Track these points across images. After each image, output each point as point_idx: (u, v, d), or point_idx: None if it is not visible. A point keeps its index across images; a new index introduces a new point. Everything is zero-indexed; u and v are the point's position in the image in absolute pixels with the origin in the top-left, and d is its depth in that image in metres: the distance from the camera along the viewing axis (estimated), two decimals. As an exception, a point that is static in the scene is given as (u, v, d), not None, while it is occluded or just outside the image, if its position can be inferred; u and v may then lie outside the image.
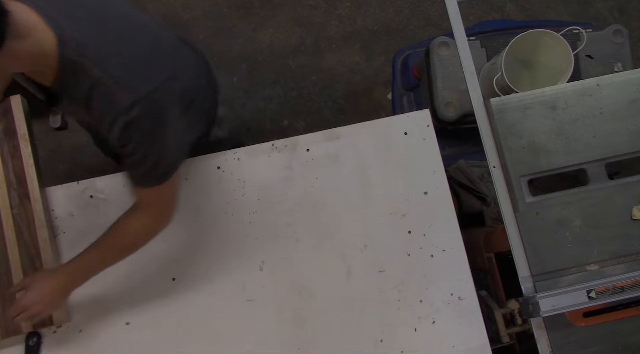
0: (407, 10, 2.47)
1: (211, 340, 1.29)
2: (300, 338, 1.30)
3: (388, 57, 2.32)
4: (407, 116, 1.43)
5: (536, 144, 1.26)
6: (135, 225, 1.09)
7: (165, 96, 0.95)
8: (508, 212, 1.24)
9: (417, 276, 1.34)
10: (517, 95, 1.29)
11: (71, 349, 1.27)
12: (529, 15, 2.48)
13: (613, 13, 2.51)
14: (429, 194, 1.38)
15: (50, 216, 1.32)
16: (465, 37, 1.31)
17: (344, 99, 2.38)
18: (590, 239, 1.22)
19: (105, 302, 1.30)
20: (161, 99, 0.94)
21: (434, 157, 1.40)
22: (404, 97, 2.02)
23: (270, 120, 2.34)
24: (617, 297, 1.12)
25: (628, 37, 1.73)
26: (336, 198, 1.37)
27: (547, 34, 1.59)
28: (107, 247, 1.11)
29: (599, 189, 1.24)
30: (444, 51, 1.73)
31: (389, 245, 1.35)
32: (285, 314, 1.31)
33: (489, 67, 1.69)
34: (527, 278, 1.20)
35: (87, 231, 1.27)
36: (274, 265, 1.33)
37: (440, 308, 1.33)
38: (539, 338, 1.19)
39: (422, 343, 1.31)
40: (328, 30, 2.43)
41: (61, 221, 1.33)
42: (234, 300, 1.31)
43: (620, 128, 1.26)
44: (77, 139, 2.27)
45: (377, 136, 1.41)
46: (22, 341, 1.26)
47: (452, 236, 1.36)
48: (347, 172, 1.39)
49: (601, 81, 1.29)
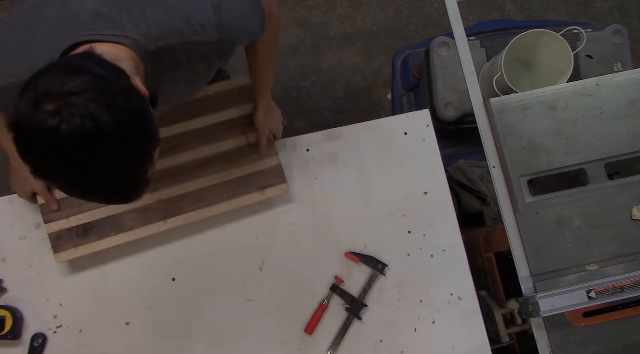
0: (407, 10, 2.47)
1: (211, 340, 1.29)
2: (300, 338, 1.31)
3: (388, 57, 2.32)
4: (407, 116, 1.43)
5: (536, 144, 1.26)
6: (270, 20, 1.11)
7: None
8: (508, 212, 1.24)
9: (417, 276, 1.34)
10: (516, 95, 1.29)
11: (71, 349, 1.27)
12: (529, 15, 2.48)
13: (613, 13, 2.51)
14: (429, 194, 1.38)
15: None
16: (465, 37, 1.31)
17: (344, 99, 2.38)
18: (590, 239, 1.22)
19: (105, 302, 1.30)
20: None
21: (434, 157, 1.40)
22: (404, 97, 2.02)
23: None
24: (616, 297, 1.12)
25: (628, 37, 1.73)
26: (336, 198, 1.38)
27: (547, 34, 1.59)
28: (268, 58, 1.19)
29: (598, 189, 1.24)
30: (444, 51, 1.73)
31: (388, 245, 1.35)
32: (285, 314, 1.31)
33: (488, 67, 1.69)
34: (527, 278, 1.20)
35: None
36: (274, 265, 1.33)
37: (440, 308, 1.33)
38: (539, 338, 1.19)
39: (422, 343, 1.31)
40: (328, 30, 2.43)
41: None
42: (234, 300, 1.31)
43: (620, 128, 1.26)
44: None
45: (377, 136, 1.41)
46: (27, 342, 1.27)
47: (452, 236, 1.36)
48: (347, 172, 1.39)
49: (601, 81, 1.29)
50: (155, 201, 1.26)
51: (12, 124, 0.69)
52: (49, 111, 0.66)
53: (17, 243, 1.31)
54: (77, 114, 0.66)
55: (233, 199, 1.29)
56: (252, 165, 1.30)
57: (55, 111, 0.66)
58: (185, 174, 1.28)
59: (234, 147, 1.31)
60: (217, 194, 1.28)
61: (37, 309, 1.29)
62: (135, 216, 1.26)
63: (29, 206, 1.32)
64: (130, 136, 0.71)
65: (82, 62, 0.72)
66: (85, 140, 0.67)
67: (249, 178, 1.30)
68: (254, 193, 1.30)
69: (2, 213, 1.33)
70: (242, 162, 1.30)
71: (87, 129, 0.67)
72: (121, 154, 0.71)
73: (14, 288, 1.30)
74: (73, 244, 1.25)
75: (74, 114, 0.66)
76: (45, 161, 0.69)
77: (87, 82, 0.68)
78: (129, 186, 0.75)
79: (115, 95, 0.70)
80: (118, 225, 1.26)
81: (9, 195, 1.33)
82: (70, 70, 0.69)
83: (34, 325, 1.28)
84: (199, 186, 1.28)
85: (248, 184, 1.29)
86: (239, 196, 1.29)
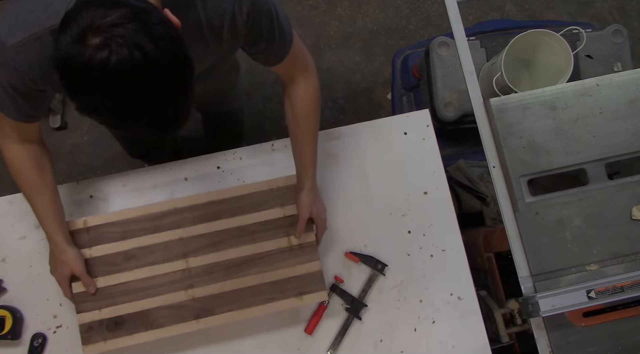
0: (406, 10, 2.47)
1: (211, 340, 1.29)
2: (300, 338, 1.30)
3: (388, 57, 2.32)
4: (407, 116, 1.43)
5: (536, 144, 1.26)
6: (309, 90, 1.15)
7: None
8: (508, 212, 1.24)
9: (417, 276, 1.34)
10: (516, 95, 1.29)
11: (71, 349, 1.27)
12: (529, 15, 2.48)
13: (613, 13, 2.51)
14: (429, 194, 1.38)
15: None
16: (465, 37, 1.31)
17: (344, 99, 2.38)
18: (590, 239, 1.22)
19: (105, 302, 1.30)
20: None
21: (433, 157, 1.40)
22: (404, 97, 2.02)
23: (270, 120, 2.34)
24: (616, 297, 1.12)
25: (628, 37, 1.73)
26: (336, 198, 1.37)
27: (546, 34, 1.59)
28: (311, 132, 1.20)
29: (598, 189, 1.24)
30: (444, 51, 1.73)
31: (388, 245, 1.35)
32: (285, 314, 1.31)
33: (488, 67, 1.69)
34: (527, 278, 1.20)
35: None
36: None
37: (440, 308, 1.33)
38: (539, 338, 1.19)
39: (422, 343, 1.31)
40: (328, 30, 2.43)
41: (61, 221, 1.33)
42: (234, 300, 1.31)
43: (620, 128, 1.26)
44: (77, 139, 2.27)
45: (377, 136, 1.41)
46: (27, 342, 1.27)
47: (452, 236, 1.36)
48: (347, 172, 1.39)
49: (601, 81, 1.29)
50: (189, 299, 1.23)
51: (58, 63, 0.70)
52: (96, 44, 0.67)
53: (17, 243, 1.31)
54: (124, 45, 0.67)
55: (270, 304, 1.24)
56: (292, 269, 1.25)
57: (103, 43, 0.67)
58: (224, 272, 1.24)
59: (274, 249, 1.26)
60: (254, 296, 1.24)
61: (37, 309, 1.29)
62: (168, 312, 1.22)
63: (29, 206, 1.32)
64: (175, 64, 0.72)
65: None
66: (136, 70, 0.68)
67: (288, 282, 1.25)
68: (291, 299, 1.25)
69: (2, 213, 1.33)
70: (282, 265, 1.26)
71: (137, 59, 0.68)
72: (169, 82, 0.72)
73: (14, 288, 1.30)
74: (103, 338, 1.21)
75: (122, 45, 0.67)
76: (97, 95, 0.70)
77: (128, 14, 0.69)
78: (176, 114, 0.76)
79: (156, 25, 0.70)
80: (149, 321, 1.22)
81: (9, 195, 1.34)
82: (109, 3, 0.70)
83: (34, 325, 1.28)
84: (235, 287, 1.24)
85: (286, 288, 1.25)
86: (275, 301, 1.24)
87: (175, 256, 1.25)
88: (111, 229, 1.25)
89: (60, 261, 1.20)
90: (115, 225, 1.25)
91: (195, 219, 1.27)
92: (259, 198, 1.29)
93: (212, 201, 1.28)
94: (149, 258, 1.24)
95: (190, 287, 1.24)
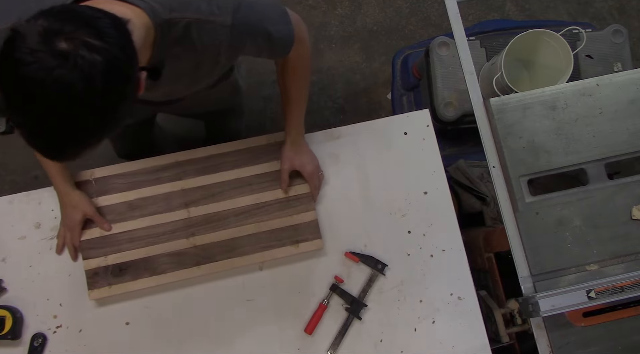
0: (406, 10, 2.47)
1: (211, 340, 1.29)
2: (300, 338, 1.31)
3: (388, 57, 2.32)
4: (407, 116, 1.43)
5: (536, 144, 1.26)
6: (301, 56, 1.14)
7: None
8: (508, 212, 1.24)
9: (417, 276, 1.34)
10: (516, 95, 1.29)
11: (71, 349, 1.27)
12: (529, 15, 2.48)
13: (613, 13, 2.51)
14: (429, 194, 1.38)
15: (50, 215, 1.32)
16: (465, 37, 1.31)
17: (344, 99, 2.38)
18: (590, 239, 1.22)
19: (105, 302, 1.30)
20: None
21: (433, 157, 1.40)
22: (404, 97, 2.02)
23: (270, 120, 2.34)
24: (616, 297, 1.12)
25: (628, 37, 1.73)
26: (336, 198, 1.38)
27: (546, 34, 1.59)
28: (297, 94, 1.22)
29: (598, 189, 1.24)
30: (444, 51, 1.73)
31: (388, 245, 1.35)
32: (285, 314, 1.31)
33: (488, 67, 1.69)
34: (527, 278, 1.20)
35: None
36: (274, 265, 1.33)
37: (440, 308, 1.33)
38: (539, 338, 1.19)
39: (422, 343, 1.31)
40: (328, 30, 2.43)
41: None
42: (234, 300, 1.31)
43: (620, 128, 1.26)
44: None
45: (377, 136, 1.41)
46: (27, 342, 1.27)
47: (452, 236, 1.36)
48: (347, 172, 1.39)
49: (601, 81, 1.29)
50: (191, 246, 1.29)
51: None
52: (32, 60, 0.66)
53: (17, 243, 1.31)
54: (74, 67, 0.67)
55: (267, 251, 1.30)
56: (288, 218, 1.32)
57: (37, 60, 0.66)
58: (223, 222, 1.30)
59: (272, 199, 1.32)
60: (252, 245, 1.30)
61: (37, 309, 1.29)
62: (170, 259, 1.28)
63: (29, 206, 1.32)
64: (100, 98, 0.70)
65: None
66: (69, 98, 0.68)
67: (284, 231, 1.31)
68: (288, 246, 1.31)
69: (2, 213, 1.33)
70: (279, 215, 1.32)
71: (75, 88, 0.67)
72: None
73: (14, 288, 1.30)
74: (107, 283, 1.26)
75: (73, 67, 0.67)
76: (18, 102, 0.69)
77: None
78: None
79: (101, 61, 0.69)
80: (152, 267, 1.28)
81: (9, 195, 1.34)
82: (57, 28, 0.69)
83: (34, 325, 1.28)
84: (235, 235, 1.30)
85: (283, 237, 1.31)
86: (272, 248, 1.30)
87: (177, 206, 1.31)
88: (117, 181, 1.31)
89: (71, 206, 1.25)
90: (120, 177, 1.32)
91: (196, 171, 1.33)
92: (257, 152, 1.35)
93: (212, 154, 1.34)
94: (152, 208, 1.31)
95: (191, 235, 1.29)
